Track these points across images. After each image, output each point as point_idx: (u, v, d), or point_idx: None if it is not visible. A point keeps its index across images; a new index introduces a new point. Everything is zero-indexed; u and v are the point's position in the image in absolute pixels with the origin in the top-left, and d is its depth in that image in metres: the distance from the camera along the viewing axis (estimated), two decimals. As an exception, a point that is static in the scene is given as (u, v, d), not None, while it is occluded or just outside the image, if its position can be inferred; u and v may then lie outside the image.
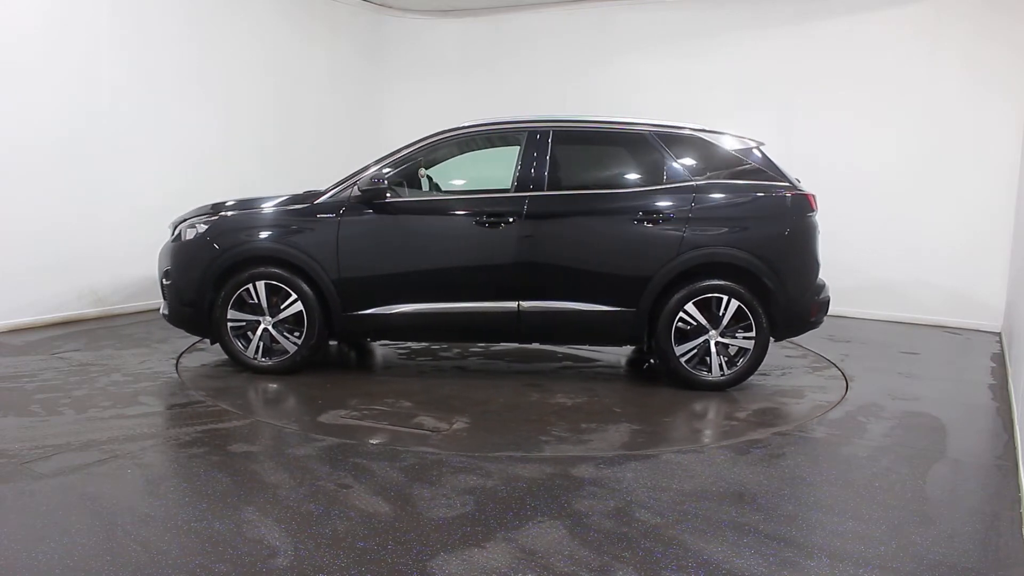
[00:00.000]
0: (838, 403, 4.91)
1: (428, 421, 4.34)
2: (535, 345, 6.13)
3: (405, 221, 5.15)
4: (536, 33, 9.35)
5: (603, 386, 5.19)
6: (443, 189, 5.80)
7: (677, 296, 4.95)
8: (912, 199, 7.66)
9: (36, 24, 6.21)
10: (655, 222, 4.97)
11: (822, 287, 5.18)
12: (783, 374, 5.59)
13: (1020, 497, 3.47)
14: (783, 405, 4.88)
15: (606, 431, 4.24)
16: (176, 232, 5.37)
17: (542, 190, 5.06)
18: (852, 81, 7.79)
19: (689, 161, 5.12)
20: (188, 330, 5.40)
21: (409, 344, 6.30)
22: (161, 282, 5.39)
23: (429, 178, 5.77)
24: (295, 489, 3.33)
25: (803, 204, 5.03)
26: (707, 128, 5.21)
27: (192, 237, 5.25)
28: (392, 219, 5.12)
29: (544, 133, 5.15)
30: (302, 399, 4.79)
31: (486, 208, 5.05)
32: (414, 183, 5.46)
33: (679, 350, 5.00)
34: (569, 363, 5.76)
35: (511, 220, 5.00)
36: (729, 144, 5.16)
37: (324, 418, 4.38)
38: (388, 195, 5.08)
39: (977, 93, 7.34)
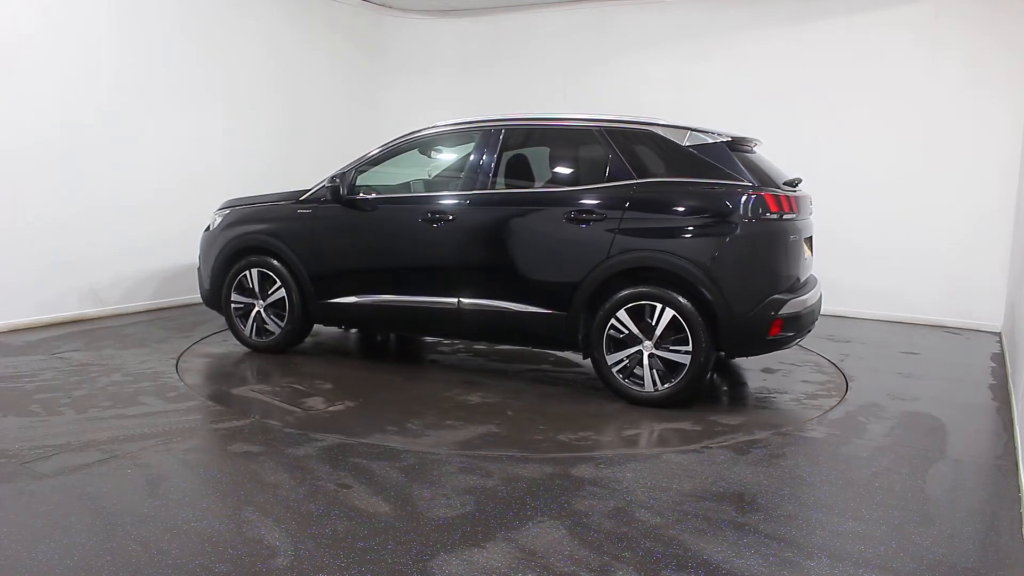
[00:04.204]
0: (838, 403, 4.90)
1: (315, 402, 4.63)
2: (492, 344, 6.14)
3: (364, 217, 5.40)
4: (535, 33, 9.34)
5: (538, 390, 5.00)
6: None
7: (609, 301, 4.65)
8: (912, 199, 7.65)
9: (35, 23, 6.21)
10: (587, 222, 4.72)
11: (784, 302, 4.49)
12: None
13: (1020, 497, 3.47)
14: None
15: (460, 430, 4.18)
16: (209, 222, 6.08)
17: (485, 189, 5.08)
18: (852, 81, 7.78)
19: (636, 158, 4.77)
20: (215, 309, 5.97)
21: (425, 338, 6.37)
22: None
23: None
24: (295, 489, 3.33)
25: (758, 206, 4.47)
26: (665, 123, 4.85)
27: (213, 227, 5.96)
28: (354, 215, 5.41)
29: (496, 132, 5.16)
30: (249, 373, 5.34)
31: (430, 206, 5.19)
32: (395, 180, 5.79)
33: (611, 359, 4.69)
34: (548, 367, 5.66)
35: (451, 218, 5.07)
36: (686, 139, 4.72)
37: (237, 391, 4.87)
38: (350, 193, 5.38)
39: (977, 93, 7.33)
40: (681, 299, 4.50)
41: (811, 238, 5.20)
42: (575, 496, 3.33)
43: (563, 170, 5.23)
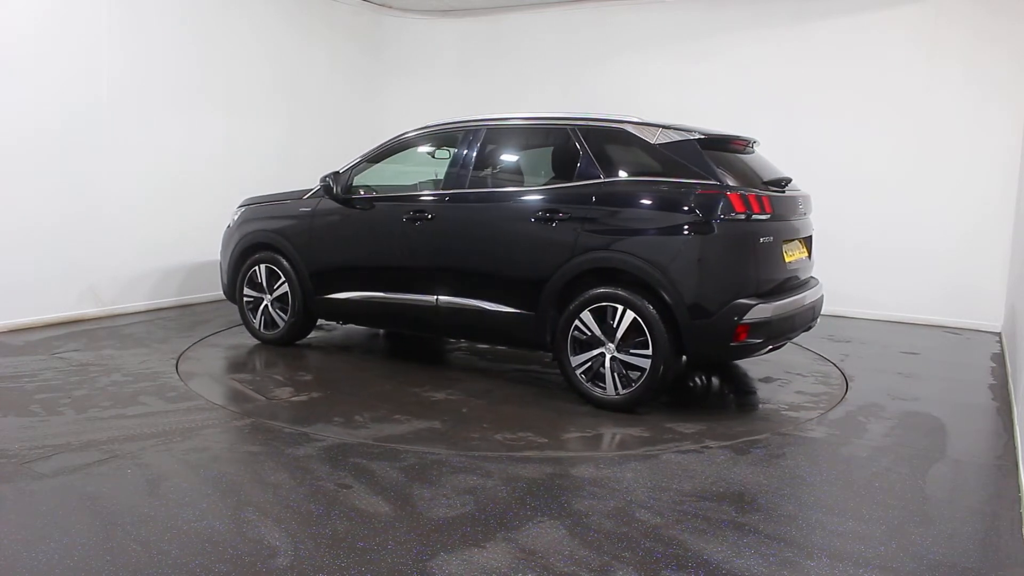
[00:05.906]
0: (838, 403, 4.90)
1: (283, 392, 4.82)
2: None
3: (354, 216, 5.55)
4: (535, 33, 9.34)
5: (509, 390, 4.98)
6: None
7: (573, 303, 4.59)
8: (912, 199, 7.64)
9: (35, 23, 6.20)
10: (552, 223, 4.67)
11: (749, 307, 4.27)
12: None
13: (1020, 497, 3.47)
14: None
15: (403, 424, 4.23)
16: (230, 219, 6.35)
17: (462, 188, 5.13)
18: (851, 82, 7.77)
19: (605, 156, 4.71)
20: (233, 302, 6.27)
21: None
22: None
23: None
24: (295, 489, 3.33)
25: (723, 205, 4.28)
26: (637, 120, 4.76)
27: (232, 224, 6.26)
28: (345, 213, 5.58)
29: (477, 132, 5.21)
30: (244, 365, 5.58)
31: (413, 205, 5.29)
32: (393, 179, 5.96)
33: (575, 361, 4.62)
34: (536, 367, 5.62)
35: (430, 217, 5.13)
36: (656, 137, 4.61)
37: (223, 379, 5.19)
38: (345, 192, 5.55)
39: (976, 93, 7.32)
40: (641, 301, 4.38)
41: (810, 238, 5.17)
42: (575, 496, 3.33)
43: (537, 169, 5.23)
